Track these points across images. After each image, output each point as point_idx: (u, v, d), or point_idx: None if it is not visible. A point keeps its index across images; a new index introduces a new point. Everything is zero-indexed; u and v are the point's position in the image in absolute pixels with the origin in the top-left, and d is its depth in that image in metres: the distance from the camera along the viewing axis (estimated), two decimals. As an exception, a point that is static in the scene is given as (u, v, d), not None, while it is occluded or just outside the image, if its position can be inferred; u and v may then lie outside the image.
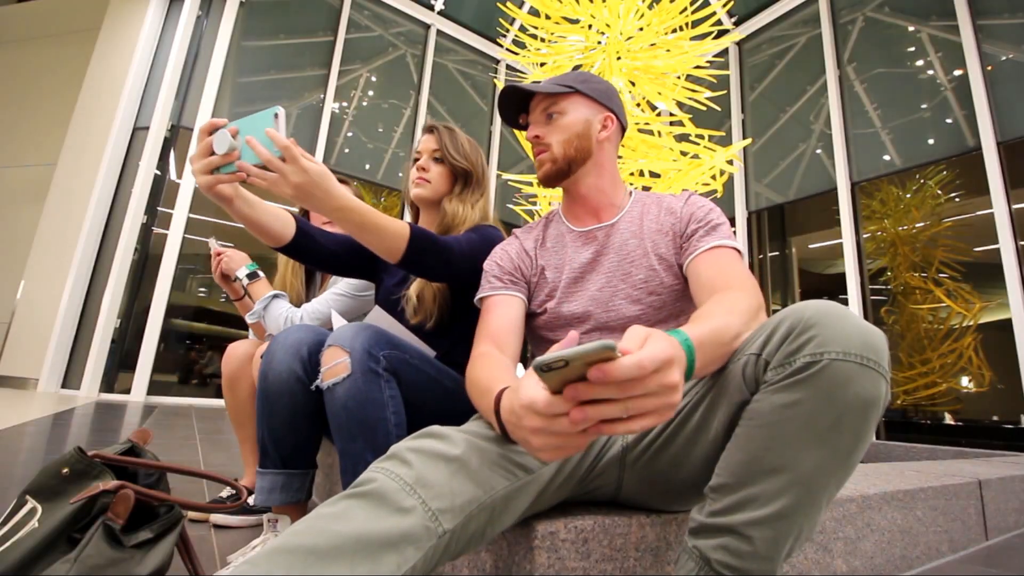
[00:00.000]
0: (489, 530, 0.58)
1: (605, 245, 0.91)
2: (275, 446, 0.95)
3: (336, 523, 0.47)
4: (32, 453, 1.83)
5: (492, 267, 0.94)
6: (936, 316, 4.33)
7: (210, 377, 5.07)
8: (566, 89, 0.90)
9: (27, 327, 4.99)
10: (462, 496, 0.54)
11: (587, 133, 0.91)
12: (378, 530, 0.47)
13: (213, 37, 5.28)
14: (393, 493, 0.50)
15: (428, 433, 0.59)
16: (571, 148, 0.90)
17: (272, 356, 0.93)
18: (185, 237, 4.86)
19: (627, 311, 0.85)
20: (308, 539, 0.46)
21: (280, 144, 0.72)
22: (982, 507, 1.41)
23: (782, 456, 0.54)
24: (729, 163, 2.89)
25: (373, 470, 0.54)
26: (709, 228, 0.83)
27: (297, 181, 0.73)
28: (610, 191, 0.94)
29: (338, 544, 0.45)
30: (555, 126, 0.91)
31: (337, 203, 0.78)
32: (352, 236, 0.86)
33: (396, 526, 0.48)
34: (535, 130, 0.92)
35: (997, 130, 4.00)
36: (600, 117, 0.92)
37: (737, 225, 5.76)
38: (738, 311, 0.64)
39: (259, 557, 0.45)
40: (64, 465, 0.66)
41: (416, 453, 0.55)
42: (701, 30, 2.98)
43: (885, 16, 5.03)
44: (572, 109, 0.91)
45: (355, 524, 0.47)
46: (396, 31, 6.52)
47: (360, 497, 0.50)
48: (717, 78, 3.23)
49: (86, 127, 5.41)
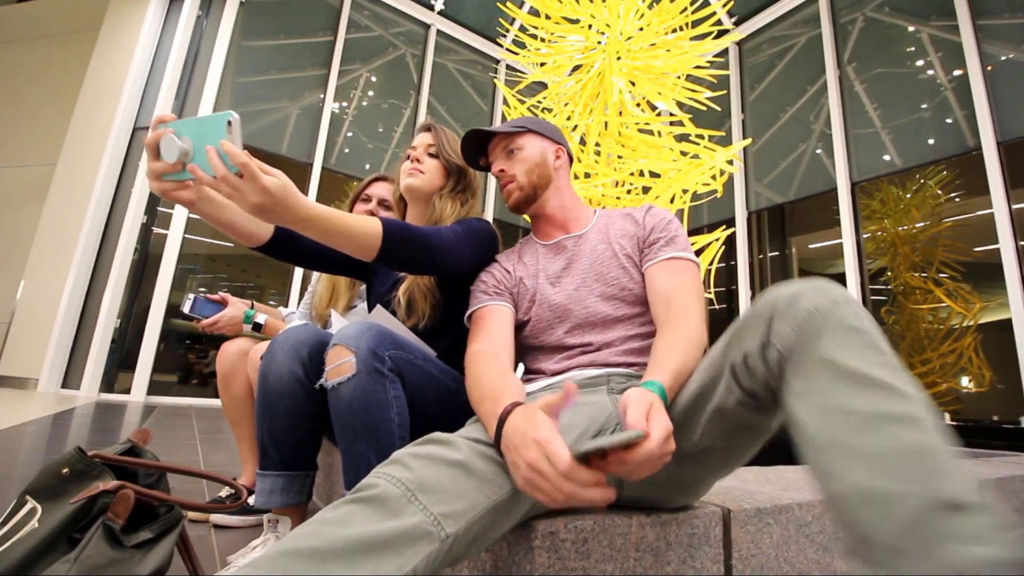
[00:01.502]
0: (491, 533, 0.58)
1: (576, 252, 0.98)
2: (275, 447, 0.95)
3: (338, 527, 0.48)
4: (32, 453, 1.83)
5: (478, 285, 1.00)
6: (936, 316, 4.34)
7: (210, 377, 5.07)
8: (520, 129, 1.02)
9: (27, 327, 5.00)
10: (464, 500, 0.54)
11: (545, 162, 1.02)
12: (379, 534, 0.48)
13: (213, 37, 5.28)
14: (395, 498, 0.51)
15: (430, 439, 0.60)
16: (534, 175, 1.01)
17: (272, 357, 0.93)
18: (185, 237, 4.86)
19: (602, 308, 0.91)
20: (310, 542, 0.46)
21: (237, 160, 0.65)
22: (982, 507, 1.41)
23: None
24: (729, 163, 2.89)
25: (375, 475, 0.54)
26: (669, 239, 0.91)
27: (256, 201, 0.67)
28: (573, 208, 1.05)
29: (340, 547, 0.46)
30: (517, 159, 1.02)
31: (302, 214, 0.73)
32: (323, 243, 0.81)
33: (397, 530, 0.49)
34: (500, 165, 1.02)
35: (997, 130, 4.00)
36: (552, 149, 1.05)
37: (737, 225, 5.76)
38: (693, 354, 0.73)
39: (261, 560, 0.45)
40: (64, 465, 0.66)
41: (418, 458, 0.56)
42: (701, 30, 2.98)
43: (885, 16, 5.03)
44: (528, 144, 1.02)
45: (357, 528, 0.48)
46: (396, 31, 6.52)
47: (362, 502, 0.51)
48: (717, 78, 3.23)
49: (86, 127, 5.41)
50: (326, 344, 0.86)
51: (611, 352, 0.88)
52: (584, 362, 0.88)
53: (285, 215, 0.72)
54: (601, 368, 0.86)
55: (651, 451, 0.53)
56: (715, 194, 2.98)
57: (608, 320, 0.90)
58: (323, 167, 5.65)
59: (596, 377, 0.85)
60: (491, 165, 1.06)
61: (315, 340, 0.93)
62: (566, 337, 0.91)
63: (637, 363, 0.87)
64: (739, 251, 5.72)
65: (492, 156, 1.07)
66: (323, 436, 1.03)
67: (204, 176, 0.67)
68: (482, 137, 1.06)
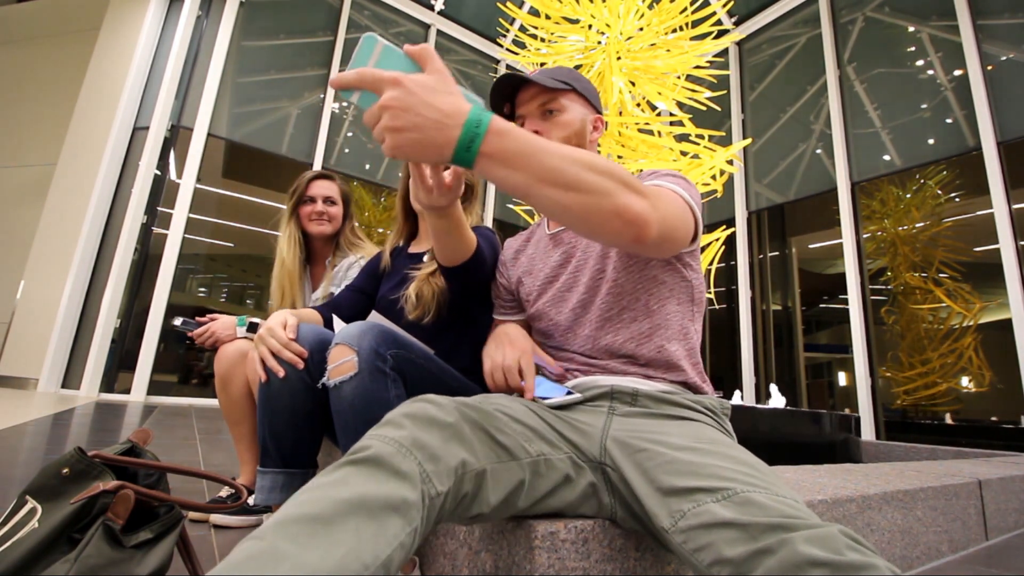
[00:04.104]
0: (479, 499, 0.58)
1: (575, 246, 0.91)
2: (276, 445, 0.95)
3: (336, 490, 0.47)
4: (32, 453, 1.83)
5: (495, 290, 1.03)
6: (936, 316, 4.34)
7: (210, 377, 5.07)
8: (564, 86, 0.88)
9: (27, 327, 4.99)
10: (455, 459, 0.55)
11: (583, 133, 0.89)
12: (379, 493, 0.47)
13: (213, 37, 5.28)
14: (389, 456, 0.50)
15: (422, 399, 0.61)
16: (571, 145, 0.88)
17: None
18: (185, 237, 4.86)
19: (597, 312, 0.84)
20: (311, 508, 0.45)
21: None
22: (982, 507, 1.41)
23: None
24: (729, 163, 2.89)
25: (368, 437, 0.54)
26: (659, 176, 0.79)
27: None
28: None
29: (341, 510, 0.45)
30: (555, 123, 0.87)
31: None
32: (440, 230, 0.86)
33: (396, 488, 0.48)
34: (534, 125, 0.88)
35: (997, 130, 4.00)
36: (592, 118, 0.91)
37: (737, 225, 5.76)
38: (576, 159, 0.56)
39: (264, 530, 0.44)
40: (64, 465, 0.66)
41: (410, 418, 0.56)
42: (701, 30, 2.98)
43: (885, 16, 5.03)
44: (571, 107, 0.88)
45: (355, 489, 0.47)
46: (396, 31, 6.52)
47: (358, 464, 0.50)
48: (717, 78, 3.23)
49: (86, 127, 5.41)
50: (327, 343, 0.87)
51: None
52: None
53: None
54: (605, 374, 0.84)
55: (348, 76, 0.53)
56: (715, 194, 2.99)
57: (603, 320, 0.86)
58: (323, 167, 5.65)
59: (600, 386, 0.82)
60: (518, 118, 0.91)
61: (316, 338, 0.93)
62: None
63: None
64: (739, 251, 5.71)
65: (523, 108, 0.90)
66: (324, 435, 1.03)
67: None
68: (517, 84, 0.89)
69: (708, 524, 0.53)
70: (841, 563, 0.44)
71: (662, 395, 0.78)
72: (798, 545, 0.46)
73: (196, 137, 5.01)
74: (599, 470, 0.71)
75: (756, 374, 5.42)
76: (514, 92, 0.91)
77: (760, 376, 5.42)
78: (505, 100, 0.92)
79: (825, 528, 0.48)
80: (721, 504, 0.53)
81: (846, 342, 4.58)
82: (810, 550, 0.45)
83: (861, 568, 0.44)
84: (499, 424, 0.64)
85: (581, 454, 0.71)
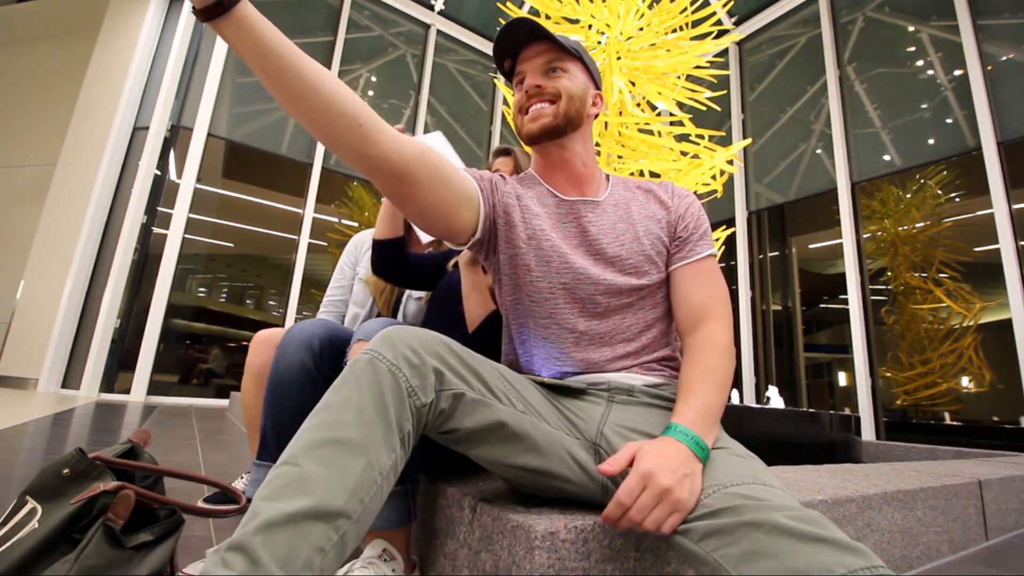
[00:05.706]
0: (458, 413, 0.63)
1: (593, 223, 0.84)
2: (276, 437, 0.95)
3: (346, 413, 0.55)
4: (32, 453, 1.83)
5: (473, 172, 0.86)
6: (936, 316, 4.33)
7: (210, 377, 5.07)
8: (573, 51, 0.86)
9: (27, 327, 5.00)
10: (434, 377, 0.62)
11: (584, 99, 0.86)
12: (382, 400, 0.56)
13: (213, 37, 5.28)
14: (383, 375, 0.58)
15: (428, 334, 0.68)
16: (572, 108, 0.84)
17: (285, 348, 0.96)
18: (185, 237, 4.86)
19: (608, 301, 0.81)
20: (332, 433, 0.53)
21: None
22: (982, 507, 1.41)
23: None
24: (729, 163, 2.89)
25: (364, 352, 0.61)
26: (702, 233, 0.86)
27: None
28: (592, 167, 0.89)
29: (360, 426, 0.54)
30: (557, 81, 0.84)
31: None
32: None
33: (395, 394, 0.57)
34: (536, 80, 0.84)
35: (997, 130, 4.00)
36: (592, 93, 0.89)
37: (737, 225, 5.76)
38: (718, 377, 0.72)
39: (296, 455, 0.52)
40: (65, 466, 0.66)
41: (398, 339, 0.63)
42: (701, 30, 2.98)
43: (885, 16, 5.03)
44: (575, 73, 0.86)
45: (363, 400, 0.56)
46: (396, 31, 6.52)
47: (353, 381, 0.58)
48: (717, 78, 3.23)
49: (86, 127, 5.41)
50: (337, 337, 0.88)
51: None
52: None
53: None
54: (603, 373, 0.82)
55: (611, 511, 0.59)
56: (715, 194, 2.99)
57: (617, 310, 0.81)
58: (323, 167, 5.65)
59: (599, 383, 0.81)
60: (518, 72, 0.87)
61: (326, 333, 0.95)
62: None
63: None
64: (739, 251, 5.72)
65: (526, 64, 0.86)
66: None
67: None
68: (522, 37, 0.85)
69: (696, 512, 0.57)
70: (822, 535, 0.48)
71: (657, 389, 0.80)
72: (776, 517, 0.50)
73: (196, 137, 5.01)
74: (592, 448, 0.73)
75: (756, 374, 5.42)
76: (518, 47, 0.87)
77: (760, 376, 5.41)
78: (508, 55, 0.89)
79: (809, 511, 0.51)
80: (711, 497, 0.57)
81: (846, 342, 4.58)
82: (789, 522, 0.49)
83: (849, 545, 0.47)
84: (490, 375, 0.68)
85: (576, 431, 0.74)
